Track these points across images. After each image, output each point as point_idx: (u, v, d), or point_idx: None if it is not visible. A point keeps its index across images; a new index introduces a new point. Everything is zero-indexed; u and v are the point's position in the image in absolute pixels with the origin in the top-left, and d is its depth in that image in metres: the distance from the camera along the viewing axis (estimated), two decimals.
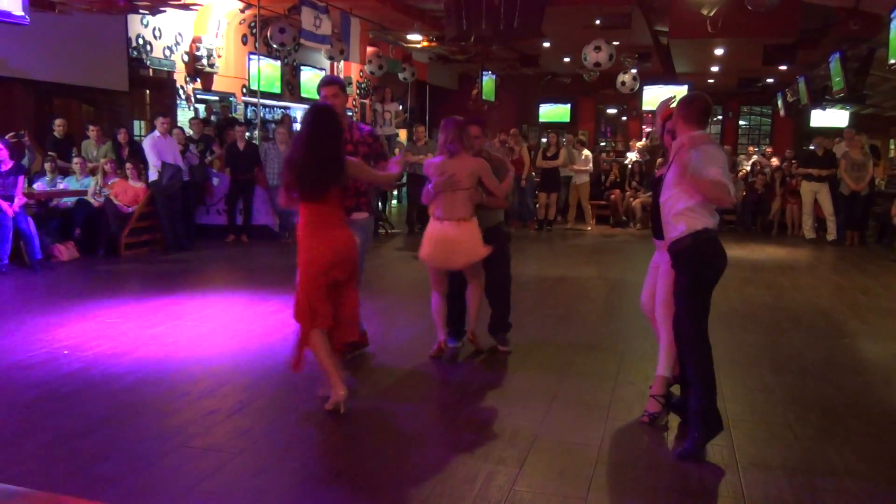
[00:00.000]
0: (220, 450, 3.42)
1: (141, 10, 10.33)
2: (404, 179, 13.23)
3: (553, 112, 21.14)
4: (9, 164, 7.53)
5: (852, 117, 16.53)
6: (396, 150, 14.14)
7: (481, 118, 5.18)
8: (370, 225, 4.73)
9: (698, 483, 3.14)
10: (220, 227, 10.35)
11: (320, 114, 3.91)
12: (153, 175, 8.94)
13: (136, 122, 11.60)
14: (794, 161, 13.43)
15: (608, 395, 4.18)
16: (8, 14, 6.73)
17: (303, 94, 14.24)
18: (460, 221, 4.57)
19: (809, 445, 3.57)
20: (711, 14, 10.23)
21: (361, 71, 15.70)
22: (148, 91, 11.58)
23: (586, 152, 12.91)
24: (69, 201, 8.93)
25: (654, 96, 15.77)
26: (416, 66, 16.00)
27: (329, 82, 4.51)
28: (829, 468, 3.31)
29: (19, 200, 7.54)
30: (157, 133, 9.02)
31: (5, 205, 7.35)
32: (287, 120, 12.42)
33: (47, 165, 8.99)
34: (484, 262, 4.76)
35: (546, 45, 14.43)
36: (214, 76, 12.24)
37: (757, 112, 21.44)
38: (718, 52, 13.31)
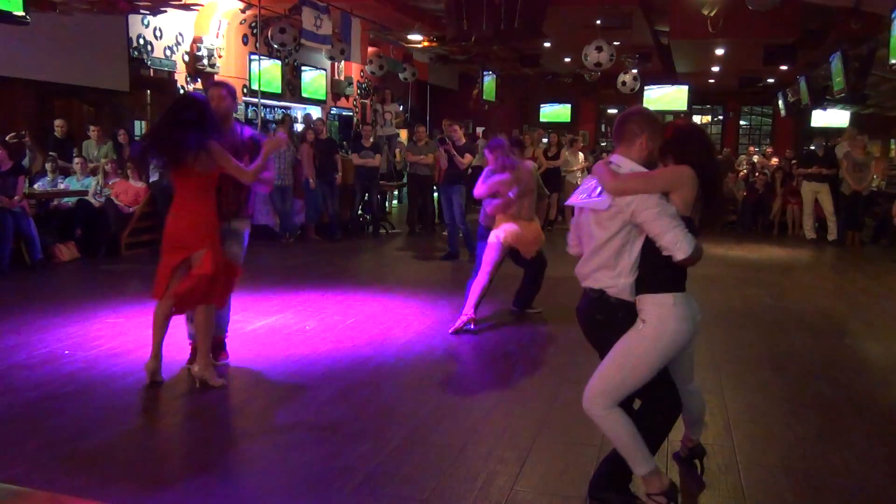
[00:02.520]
0: (220, 450, 3.42)
1: (142, 11, 10.32)
2: (404, 179, 13.25)
3: (554, 112, 21.14)
4: (8, 165, 7.53)
5: (853, 117, 16.52)
6: (397, 150, 14.16)
7: (521, 139, 6.50)
8: (246, 236, 4.73)
9: (699, 483, 3.14)
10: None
11: (184, 98, 4.58)
12: (154, 175, 8.94)
13: (136, 123, 11.60)
14: (794, 161, 13.43)
15: None
16: (8, 14, 6.73)
17: (304, 95, 14.24)
18: (530, 221, 5.73)
19: (810, 445, 3.57)
20: (712, 14, 10.23)
21: (362, 71, 15.70)
22: (149, 91, 11.57)
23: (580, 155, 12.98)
24: (70, 201, 8.93)
25: (655, 96, 15.79)
26: (417, 67, 15.98)
27: (217, 84, 4.68)
28: (829, 468, 3.31)
29: (19, 200, 7.55)
30: None
31: (5, 199, 7.36)
32: (287, 120, 12.41)
33: (48, 165, 8.99)
34: (524, 258, 5.86)
35: (547, 45, 14.41)
36: (215, 76, 12.23)
37: (758, 112, 21.42)
38: (719, 52, 13.30)
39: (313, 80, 14.51)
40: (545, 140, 14.43)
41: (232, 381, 4.44)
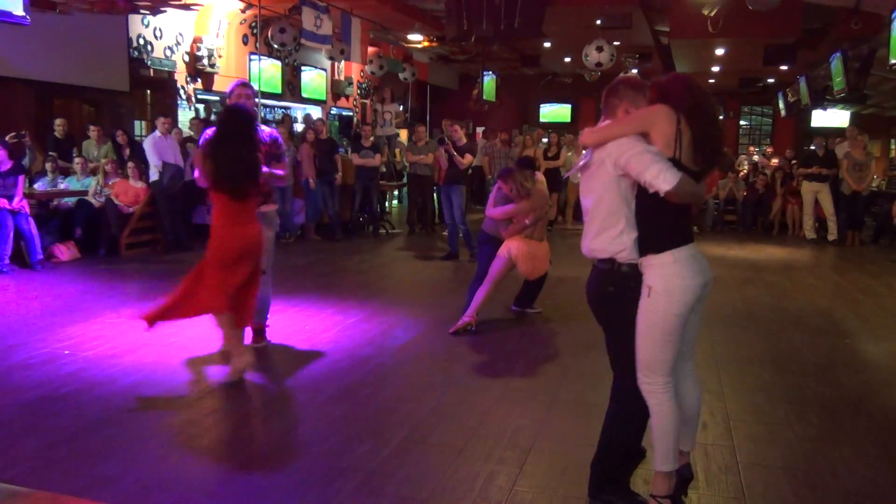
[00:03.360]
0: (220, 450, 3.42)
1: (142, 11, 10.33)
2: (404, 179, 13.24)
3: (554, 112, 21.14)
4: (8, 165, 7.53)
5: (853, 117, 16.53)
6: (397, 150, 14.16)
7: (529, 159, 6.39)
8: (276, 216, 5.17)
9: (699, 483, 3.14)
10: None
11: (241, 115, 4.31)
12: (154, 175, 8.94)
13: (137, 123, 11.60)
14: (794, 161, 13.43)
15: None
16: (9, 14, 6.73)
17: (303, 95, 14.24)
18: (541, 241, 5.81)
19: (810, 445, 3.57)
20: (712, 14, 10.22)
21: (362, 71, 15.69)
22: (149, 91, 11.57)
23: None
24: (70, 201, 8.93)
25: None
26: (417, 66, 15.99)
27: (245, 84, 4.90)
28: (829, 468, 3.31)
29: (19, 200, 7.55)
30: (157, 133, 9.01)
31: (4, 201, 7.36)
32: (287, 120, 12.41)
33: (48, 165, 8.99)
34: None
35: (547, 45, 14.42)
36: (215, 76, 12.24)
37: (758, 112, 21.42)
38: (719, 52, 13.30)
39: (313, 80, 14.51)
40: (545, 140, 14.42)
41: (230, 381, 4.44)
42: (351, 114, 16.16)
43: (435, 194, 11.56)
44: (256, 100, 11.72)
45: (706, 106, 2.69)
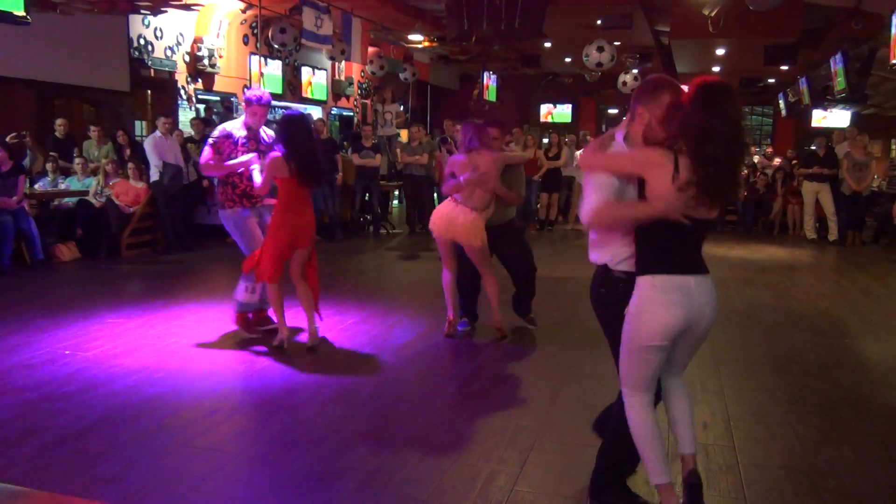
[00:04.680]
0: (221, 450, 3.42)
1: (142, 11, 10.33)
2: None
3: (554, 112, 21.14)
4: (9, 165, 7.54)
5: (854, 117, 16.51)
6: (398, 151, 14.17)
7: (500, 120, 5.62)
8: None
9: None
10: (221, 228, 10.33)
11: (305, 120, 5.08)
12: (154, 175, 8.95)
13: (137, 123, 11.60)
14: (794, 161, 13.42)
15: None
16: (9, 14, 6.73)
17: (304, 95, 14.23)
18: (472, 210, 5.05)
19: (811, 445, 3.57)
20: (713, 14, 10.23)
21: (363, 71, 15.69)
22: (149, 91, 11.58)
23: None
24: (71, 201, 8.93)
25: None
26: (418, 67, 15.98)
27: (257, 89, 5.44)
28: (830, 468, 3.30)
29: (20, 200, 7.55)
30: (158, 133, 9.02)
31: (4, 201, 7.37)
32: None
33: (49, 165, 8.99)
34: (507, 259, 5.44)
35: (547, 45, 14.42)
36: (216, 76, 12.24)
37: (759, 112, 21.42)
38: (720, 52, 13.30)
39: (313, 80, 14.51)
40: (545, 140, 14.43)
41: (231, 381, 4.44)
42: (351, 114, 16.16)
43: (434, 194, 11.56)
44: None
45: (722, 140, 2.39)
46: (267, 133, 5.28)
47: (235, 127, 5.18)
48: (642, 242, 2.55)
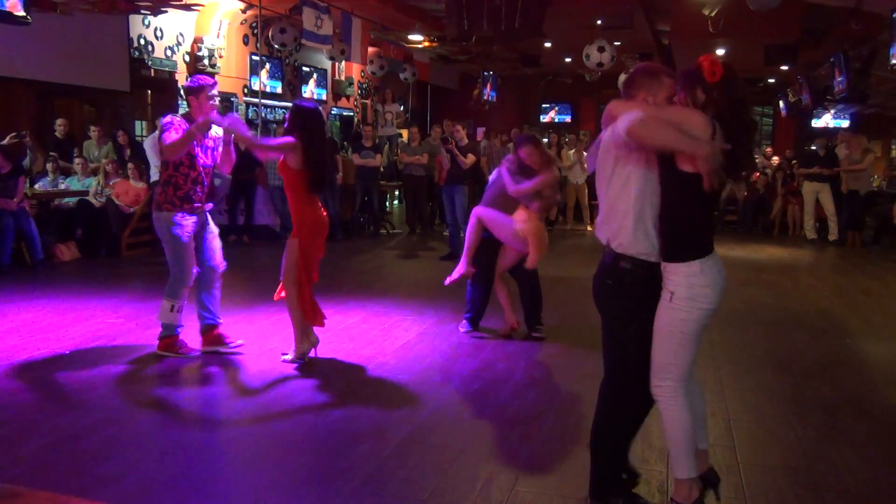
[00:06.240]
0: (221, 450, 3.42)
1: (142, 11, 10.33)
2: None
3: (554, 112, 21.13)
4: (7, 167, 7.53)
5: (854, 118, 16.51)
6: (398, 151, 14.17)
7: (535, 136, 5.67)
8: None
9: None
10: (221, 227, 10.34)
11: (321, 117, 4.83)
12: (155, 175, 8.94)
13: (137, 123, 11.61)
14: (794, 161, 13.42)
15: None
16: (9, 14, 6.73)
17: (304, 95, 14.23)
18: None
19: (810, 445, 3.57)
20: (713, 14, 10.22)
21: (363, 71, 15.70)
22: (149, 91, 11.58)
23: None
24: (71, 201, 8.94)
25: None
26: (418, 67, 15.98)
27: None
28: (830, 468, 3.30)
29: (20, 201, 7.55)
30: (158, 133, 9.02)
31: (4, 202, 7.37)
32: None
33: (49, 166, 8.99)
34: (514, 267, 5.43)
35: (547, 45, 14.40)
36: (216, 76, 12.25)
37: (758, 112, 21.40)
38: (720, 52, 13.27)
39: (313, 80, 14.51)
40: (545, 140, 14.43)
41: (231, 380, 4.44)
42: (351, 114, 16.16)
43: (435, 194, 11.57)
44: (256, 100, 11.83)
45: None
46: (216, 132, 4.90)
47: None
48: (683, 229, 2.60)
